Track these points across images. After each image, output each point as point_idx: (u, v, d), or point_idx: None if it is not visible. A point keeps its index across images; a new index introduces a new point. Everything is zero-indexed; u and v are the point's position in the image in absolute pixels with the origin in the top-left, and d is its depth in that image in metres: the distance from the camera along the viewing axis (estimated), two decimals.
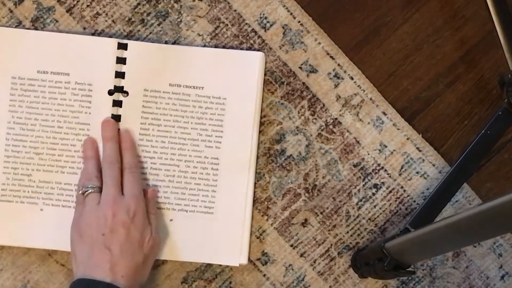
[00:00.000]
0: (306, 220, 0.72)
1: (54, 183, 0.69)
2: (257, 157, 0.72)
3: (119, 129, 0.69)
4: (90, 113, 0.69)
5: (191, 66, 0.71)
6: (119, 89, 0.70)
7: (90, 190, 0.65)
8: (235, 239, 0.70)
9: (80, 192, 0.66)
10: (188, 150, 0.70)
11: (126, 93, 0.70)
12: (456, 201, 0.73)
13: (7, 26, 0.71)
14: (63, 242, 0.67)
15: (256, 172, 0.72)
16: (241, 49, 0.73)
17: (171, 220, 0.70)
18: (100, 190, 0.65)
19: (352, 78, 0.73)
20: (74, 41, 0.70)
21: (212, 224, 0.70)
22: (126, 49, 0.70)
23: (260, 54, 0.71)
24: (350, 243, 0.72)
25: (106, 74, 0.69)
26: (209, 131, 0.70)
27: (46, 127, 0.69)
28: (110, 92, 0.69)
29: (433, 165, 0.73)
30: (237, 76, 0.71)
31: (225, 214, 0.70)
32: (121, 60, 0.70)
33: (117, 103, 0.70)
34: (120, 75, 0.70)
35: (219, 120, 0.70)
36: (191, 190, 0.70)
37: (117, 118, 0.70)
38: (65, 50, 0.70)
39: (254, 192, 0.72)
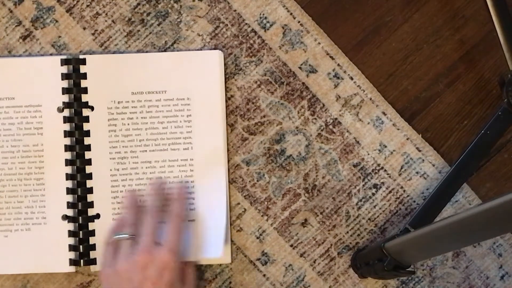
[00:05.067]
0: (306, 220, 0.72)
1: (14, 208, 0.69)
2: (258, 157, 0.72)
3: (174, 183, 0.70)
4: (42, 134, 0.69)
5: (151, 72, 0.70)
6: (84, 105, 0.69)
7: (125, 236, 0.64)
8: (218, 236, 0.70)
9: (113, 238, 0.65)
10: (161, 156, 0.70)
11: (92, 107, 0.70)
12: (456, 201, 0.73)
13: (7, 26, 0.71)
14: (29, 265, 0.68)
15: (256, 172, 0.72)
16: (241, 49, 0.73)
17: None
18: (133, 238, 0.64)
19: (352, 78, 0.73)
20: (19, 63, 0.70)
21: (194, 226, 0.70)
22: (85, 63, 0.70)
23: (217, 53, 0.71)
24: (350, 243, 0.72)
25: (53, 92, 0.69)
26: (178, 133, 0.70)
27: (4, 153, 0.69)
28: (59, 109, 0.69)
29: (433, 165, 0.73)
30: (198, 76, 0.71)
31: (205, 215, 0.70)
32: (83, 76, 0.69)
33: (84, 119, 0.69)
34: (83, 90, 0.69)
35: (187, 121, 0.70)
36: (169, 196, 0.69)
37: (86, 133, 0.69)
38: (9, 74, 0.69)
39: (254, 192, 0.72)
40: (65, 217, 0.69)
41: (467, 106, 0.75)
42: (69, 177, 0.69)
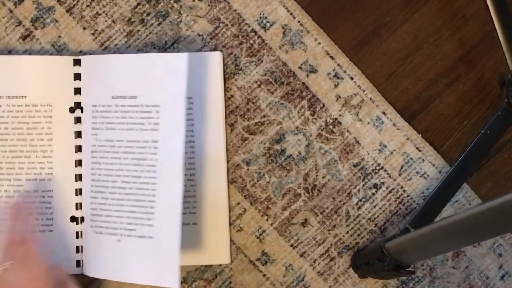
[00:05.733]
0: (306, 220, 0.72)
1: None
2: (258, 157, 0.72)
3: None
4: (52, 133, 0.68)
5: (148, 74, 0.68)
6: (78, 105, 0.69)
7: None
8: (172, 257, 0.64)
9: None
10: (129, 165, 0.67)
11: (83, 108, 0.69)
12: (456, 201, 0.73)
13: (7, 26, 0.71)
14: None
15: (256, 172, 0.72)
16: (241, 49, 0.73)
17: (118, 241, 0.67)
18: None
19: (352, 78, 0.73)
20: (29, 62, 0.69)
21: (151, 244, 0.65)
22: (79, 64, 0.69)
23: (217, 54, 0.71)
24: (350, 243, 0.72)
25: (66, 92, 0.69)
26: (145, 143, 0.67)
27: (7, 152, 0.68)
28: (72, 110, 0.69)
29: (433, 165, 0.73)
30: (167, 80, 0.68)
31: (163, 231, 0.65)
32: (77, 76, 0.69)
33: (78, 120, 0.69)
34: (78, 91, 0.69)
35: (154, 129, 0.67)
36: (132, 207, 0.66)
37: (79, 134, 0.69)
38: (21, 72, 0.69)
39: (254, 192, 0.72)
40: (73, 219, 0.69)
41: (467, 106, 0.75)
42: (78, 178, 0.69)
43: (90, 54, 0.71)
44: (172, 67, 0.67)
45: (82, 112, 0.69)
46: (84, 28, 0.72)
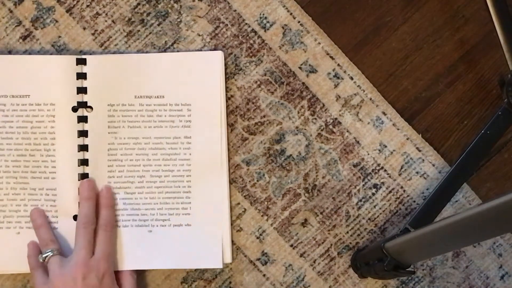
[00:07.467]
0: (306, 220, 0.72)
1: (29, 206, 0.68)
2: (258, 157, 0.72)
3: (105, 188, 0.69)
4: (54, 133, 0.68)
5: (152, 73, 0.70)
6: (82, 105, 0.69)
7: (50, 254, 0.65)
8: (214, 241, 0.69)
9: (40, 260, 0.65)
10: (160, 160, 0.69)
11: (91, 108, 0.69)
12: (456, 201, 0.73)
13: (7, 26, 0.71)
14: None
15: (256, 172, 0.72)
16: (241, 49, 0.73)
17: (150, 231, 0.69)
18: (59, 252, 0.65)
19: (352, 78, 0.73)
20: (32, 61, 0.69)
21: (190, 230, 0.69)
22: (85, 64, 0.69)
23: (218, 53, 0.71)
24: (350, 243, 0.72)
25: (68, 91, 0.69)
26: (178, 139, 0.70)
27: (13, 150, 0.68)
28: (74, 109, 0.69)
29: (433, 165, 0.73)
30: (199, 77, 0.70)
31: (201, 219, 0.69)
32: (81, 76, 0.69)
33: (83, 119, 0.69)
34: (82, 90, 0.69)
35: (186, 126, 0.70)
36: (166, 199, 0.69)
37: (84, 133, 0.69)
38: (24, 72, 0.69)
39: (254, 192, 0.72)
40: (75, 218, 0.68)
41: (467, 106, 0.75)
42: (80, 177, 0.69)
43: (91, 54, 0.71)
44: (206, 65, 0.71)
45: (87, 111, 0.69)
46: (84, 28, 0.72)
